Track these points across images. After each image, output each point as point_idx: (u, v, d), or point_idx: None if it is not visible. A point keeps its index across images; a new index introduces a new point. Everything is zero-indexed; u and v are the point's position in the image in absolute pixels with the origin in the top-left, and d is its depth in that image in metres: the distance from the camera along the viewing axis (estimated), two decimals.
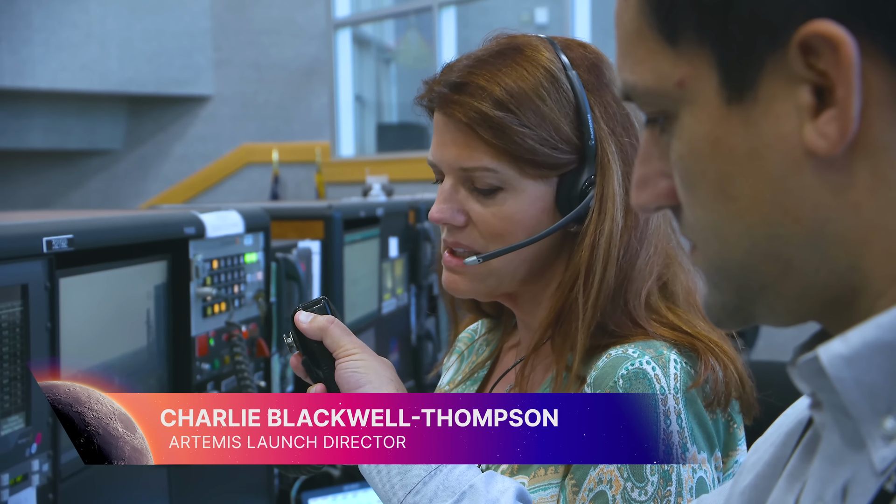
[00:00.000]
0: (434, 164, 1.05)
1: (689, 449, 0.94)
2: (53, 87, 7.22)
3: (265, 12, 7.85)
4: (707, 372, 0.96)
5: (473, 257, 1.02)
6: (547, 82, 0.99)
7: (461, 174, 1.02)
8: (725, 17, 0.53)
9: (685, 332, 0.98)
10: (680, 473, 0.93)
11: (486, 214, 1.01)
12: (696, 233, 0.59)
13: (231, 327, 1.70)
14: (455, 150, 1.01)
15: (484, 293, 1.06)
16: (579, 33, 5.35)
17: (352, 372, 0.95)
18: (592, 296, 0.98)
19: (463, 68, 1.02)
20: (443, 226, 1.05)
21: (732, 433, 1.00)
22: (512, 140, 0.98)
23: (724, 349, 0.99)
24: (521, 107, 0.98)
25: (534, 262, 1.03)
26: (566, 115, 1.00)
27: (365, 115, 7.47)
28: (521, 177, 1.00)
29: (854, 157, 0.52)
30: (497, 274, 1.03)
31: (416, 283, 3.14)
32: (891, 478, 0.50)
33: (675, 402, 0.93)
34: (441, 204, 1.03)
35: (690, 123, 0.56)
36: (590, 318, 0.98)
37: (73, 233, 1.27)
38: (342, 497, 2.16)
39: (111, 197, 8.14)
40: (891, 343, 0.51)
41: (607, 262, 0.98)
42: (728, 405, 0.98)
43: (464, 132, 1.00)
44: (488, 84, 0.99)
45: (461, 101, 0.99)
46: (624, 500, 0.92)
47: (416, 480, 0.90)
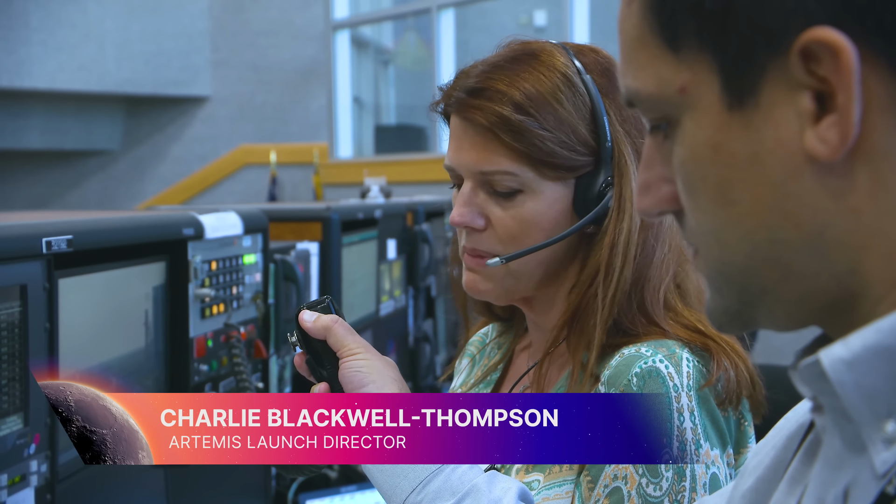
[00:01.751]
0: (452, 168, 1.06)
1: (703, 445, 0.95)
2: (51, 87, 7.21)
3: (263, 13, 7.84)
4: (720, 371, 0.97)
5: (496, 258, 1.03)
6: (564, 86, 1.01)
7: (480, 178, 1.03)
8: (725, 23, 0.54)
9: (698, 332, 1.00)
10: (694, 470, 0.94)
11: (505, 217, 1.02)
12: (697, 237, 0.60)
13: (229, 328, 1.70)
14: (474, 154, 1.02)
15: (502, 295, 1.07)
16: (578, 36, 5.36)
17: (355, 371, 0.96)
18: (611, 292, 1.00)
19: (480, 74, 1.03)
20: (461, 230, 1.06)
21: (743, 431, 1.01)
22: (531, 143, 0.99)
23: (736, 349, 1.00)
24: (540, 110, 1.00)
25: (551, 263, 1.04)
26: (583, 117, 1.01)
27: (363, 117, 7.47)
28: (541, 179, 1.01)
29: (854, 162, 0.52)
30: (516, 275, 1.04)
31: (414, 285, 3.14)
32: (892, 481, 0.51)
33: (689, 399, 0.95)
34: (461, 208, 1.04)
35: (692, 129, 0.57)
36: (607, 314, 1.00)
37: (72, 233, 1.27)
38: (339, 499, 2.16)
39: (108, 197, 8.13)
40: (891, 347, 0.51)
41: (625, 260, 1.00)
42: (739, 403, 1.00)
43: (483, 136, 1.01)
44: (507, 88, 1.00)
45: (481, 105, 1.01)
46: (639, 495, 0.93)
47: (418, 480, 0.91)
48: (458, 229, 1.06)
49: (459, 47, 6.32)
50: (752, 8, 0.53)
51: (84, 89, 7.41)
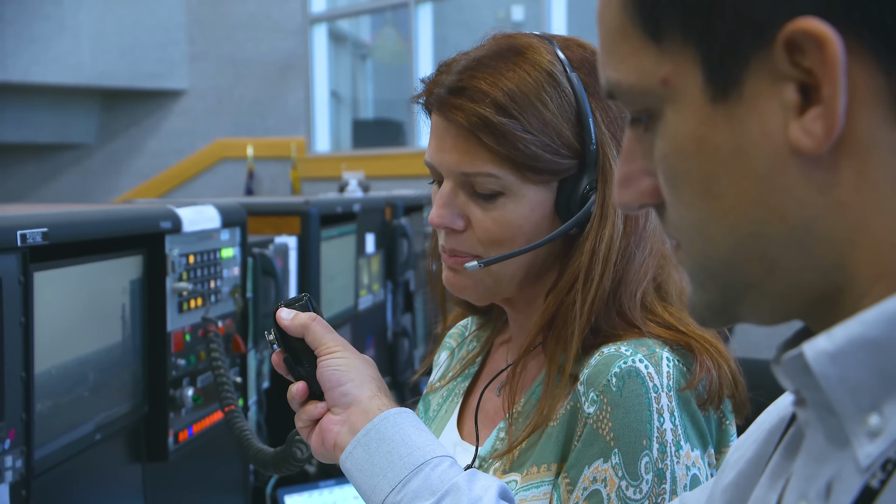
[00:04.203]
0: (432, 165, 1.03)
1: (683, 447, 0.93)
2: (25, 80, 7.14)
3: (241, 7, 7.80)
4: (703, 372, 0.96)
5: (474, 262, 1.01)
6: (549, 86, 0.98)
7: (461, 178, 1.00)
8: (709, 14, 0.53)
9: (679, 331, 0.98)
10: (674, 471, 0.92)
11: (486, 220, 1.00)
12: (680, 231, 0.59)
13: (207, 323, 1.68)
14: (456, 155, 0.99)
15: (483, 296, 1.05)
16: (556, 30, 5.35)
17: (333, 370, 0.95)
18: (589, 300, 0.98)
19: (463, 70, 1.00)
20: (440, 230, 1.04)
21: (725, 430, 1.00)
22: (514, 146, 0.97)
23: (718, 348, 0.99)
24: (524, 112, 0.97)
25: (532, 266, 1.02)
26: (568, 119, 0.99)
27: (341, 111, 7.45)
28: (522, 182, 0.99)
29: (839, 155, 0.52)
30: (496, 277, 1.02)
31: (393, 279, 3.14)
32: (875, 474, 0.50)
33: (669, 400, 0.93)
34: (441, 209, 1.01)
35: (675, 121, 0.56)
36: (585, 321, 0.98)
37: (47, 226, 1.25)
38: (318, 494, 2.15)
39: (84, 192, 8.06)
40: (875, 339, 0.51)
41: (605, 267, 0.98)
42: (721, 403, 0.98)
43: (465, 137, 0.98)
44: (490, 88, 0.97)
45: (462, 105, 0.98)
46: (619, 498, 0.92)
47: (398, 479, 0.89)
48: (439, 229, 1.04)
49: (437, 42, 6.31)
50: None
51: (59, 82, 7.34)
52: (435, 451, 0.91)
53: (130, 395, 1.52)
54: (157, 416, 1.58)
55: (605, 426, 0.93)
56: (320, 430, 0.96)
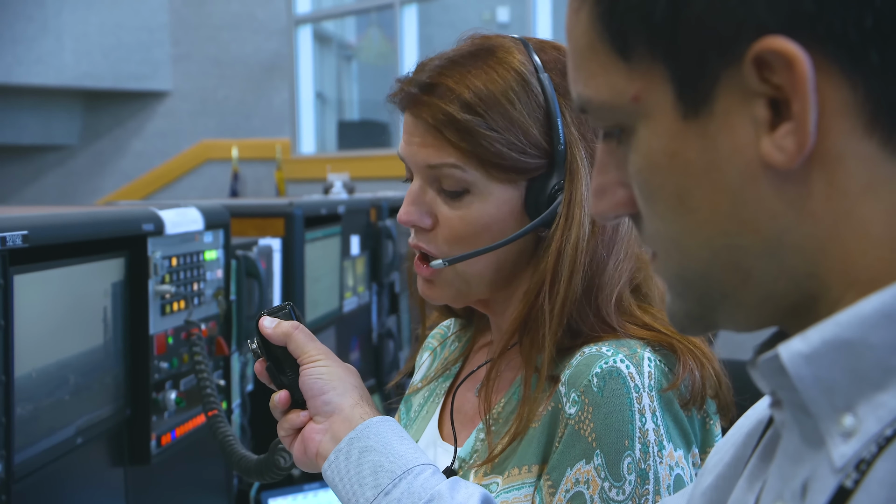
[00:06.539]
0: (403, 158, 1.04)
1: (666, 447, 0.93)
2: (7, 81, 7.09)
3: (225, 7, 7.78)
4: (686, 372, 0.96)
5: (439, 261, 1.01)
6: (517, 86, 0.99)
7: (429, 173, 1.01)
8: (675, 32, 0.53)
9: (661, 332, 0.98)
10: (657, 472, 0.92)
11: (453, 218, 1.00)
12: (656, 242, 0.60)
13: (190, 325, 1.68)
14: (423, 151, 1.00)
15: (455, 298, 1.05)
16: (541, 32, 5.37)
17: (315, 378, 0.95)
18: (558, 303, 0.98)
19: (434, 69, 1.01)
20: (410, 227, 1.04)
21: (709, 430, 1.00)
22: (479, 143, 0.97)
23: (702, 348, 0.99)
24: (489, 110, 0.98)
25: (502, 266, 1.02)
26: (536, 119, 0.99)
27: (326, 112, 7.43)
28: (489, 180, 0.99)
29: (811, 167, 0.53)
30: (465, 277, 1.02)
31: (378, 281, 3.13)
32: (849, 474, 0.51)
33: (650, 400, 0.93)
34: (409, 206, 1.02)
35: (647, 137, 0.56)
36: (556, 325, 0.98)
37: (27, 229, 1.25)
38: (302, 497, 2.15)
39: (67, 193, 8.02)
40: (850, 340, 0.52)
41: (573, 268, 0.98)
42: (704, 403, 0.98)
43: (432, 133, 0.99)
44: (457, 86, 0.98)
45: (429, 102, 0.99)
46: (602, 500, 0.91)
47: (380, 488, 0.89)
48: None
49: (423, 43, 6.31)
50: (702, 17, 0.52)
51: (42, 83, 7.30)
52: (417, 459, 0.91)
53: (112, 399, 1.52)
54: (140, 419, 1.58)
55: (586, 427, 0.93)
56: (303, 438, 0.96)
